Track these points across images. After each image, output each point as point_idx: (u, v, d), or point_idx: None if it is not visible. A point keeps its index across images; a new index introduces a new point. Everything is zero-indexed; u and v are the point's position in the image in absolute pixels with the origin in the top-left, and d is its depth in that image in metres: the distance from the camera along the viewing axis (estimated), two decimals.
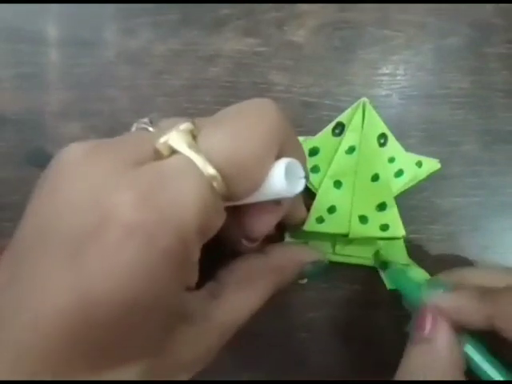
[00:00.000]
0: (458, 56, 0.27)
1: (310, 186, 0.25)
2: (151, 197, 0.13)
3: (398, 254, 0.25)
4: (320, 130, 0.25)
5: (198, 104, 0.26)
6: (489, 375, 0.18)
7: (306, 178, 0.17)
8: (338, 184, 0.24)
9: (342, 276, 0.26)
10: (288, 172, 0.16)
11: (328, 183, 0.24)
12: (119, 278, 0.13)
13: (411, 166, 0.25)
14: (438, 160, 0.26)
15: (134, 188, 0.13)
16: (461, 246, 0.26)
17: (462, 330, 0.19)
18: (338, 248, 0.25)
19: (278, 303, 0.26)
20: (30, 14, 0.27)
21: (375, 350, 0.26)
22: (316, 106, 0.26)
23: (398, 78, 0.27)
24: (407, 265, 0.25)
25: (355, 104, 0.25)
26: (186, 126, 0.15)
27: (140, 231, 0.13)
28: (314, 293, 0.26)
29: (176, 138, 0.15)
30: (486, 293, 0.19)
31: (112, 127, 0.26)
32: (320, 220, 0.24)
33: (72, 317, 0.12)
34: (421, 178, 0.25)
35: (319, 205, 0.24)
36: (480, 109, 0.27)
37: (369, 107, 0.25)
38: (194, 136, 0.15)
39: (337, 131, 0.25)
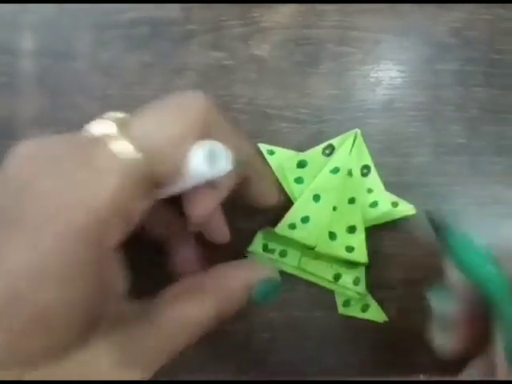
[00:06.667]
0: (414, 72, 0.29)
1: (290, 195, 0.26)
2: (71, 176, 0.15)
3: (356, 282, 0.27)
4: (279, 140, 0.27)
5: None
6: None
7: (238, 164, 0.18)
8: (316, 198, 0.26)
9: (300, 279, 0.27)
10: (212, 155, 0.17)
11: (308, 194, 0.26)
12: (29, 251, 0.14)
13: (386, 203, 0.27)
14: (413, 206, 0.27)
15: (56, 175, 0.15)
16: (412, 253, 0.28)
17: None
18: (303, 260, 0.26)
19: None
20: (4, 26, 0.28)
21: (332, 349, 0.27)
22: (277, 118, 0.28)
23: (356, 92, 0.28)
24: (362, 294, 0.27)
25: (348, 132, 0.26)
26: (116, 115, 0.17)
27: (54, 204, 0.15)
28: None
29: (105, 122, 0.17)
30: None
31: None
32: (292, 226, 0.25)
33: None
34: (394, 217, 0.27)
35: (295, 212, 0.25)
36: (433, 122, 0.28)
37: (360, 138, 0.26)
38: (124, 123, 0.17)
39: (327, 152, 0.26)
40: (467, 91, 0.28)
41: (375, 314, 0.27)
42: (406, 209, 0.27)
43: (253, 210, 0.26)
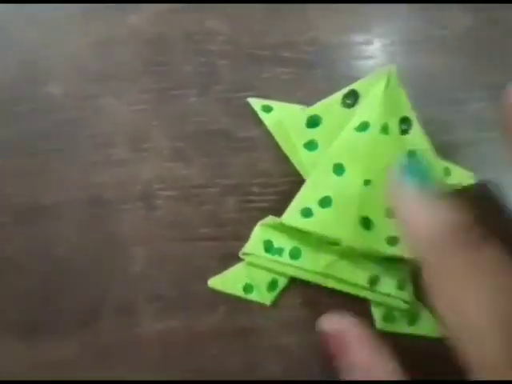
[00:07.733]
0: None
1: (298, 167, 0.19)
2: None
3: (401, 285, 0.19)
4: (276, 92, 0.20)
5: (114, 65, 0.20)
6: None
7: None
8: (339, 169, 0.18)
9: (320, 287, 0.19)
10: None
11: (326, 166, 0.18)
12: None
13: (436, 170, 0.19)
14: (472, 174, 0.20)
15: None
16: None
17: None
18: (325, 262, 0.19)
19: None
20: None
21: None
22: (269, 61, 0.21)
23: (377, 20, 0.21)
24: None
25: (378, 71, 0.19)
26: None
27: None
28: None
29: None
30: None
31: (1, 99, 0.20)
32: (306, 213, 0.18)
33: None
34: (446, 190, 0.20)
35: (309, 192, 0.18)
36: (481, 54, 0.21)
37: (395, 79, 0.19)
38: None
39: (348, 101, 0.19)
40: None
41: (427, 326, 0.20)
42: (461, 177, 0.20)
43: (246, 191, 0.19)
